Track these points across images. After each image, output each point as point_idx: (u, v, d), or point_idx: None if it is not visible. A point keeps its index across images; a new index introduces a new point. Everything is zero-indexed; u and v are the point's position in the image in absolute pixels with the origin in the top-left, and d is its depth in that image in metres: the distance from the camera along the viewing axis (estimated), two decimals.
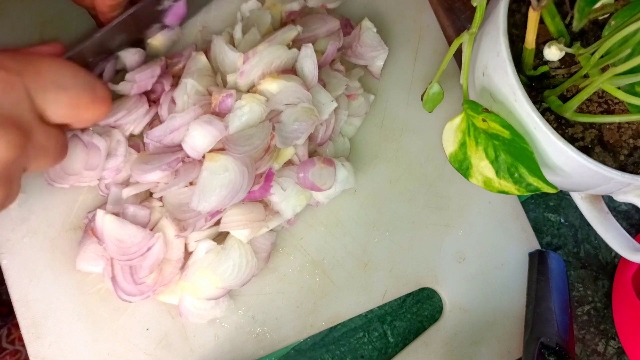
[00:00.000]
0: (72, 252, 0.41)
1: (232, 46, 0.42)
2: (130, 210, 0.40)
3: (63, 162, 0.38)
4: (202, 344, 0.42)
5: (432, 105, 0.41)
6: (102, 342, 0.41)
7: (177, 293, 0.40)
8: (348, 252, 0.44)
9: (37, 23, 0.44)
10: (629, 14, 0.34)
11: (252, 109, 0.39)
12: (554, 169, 0.35)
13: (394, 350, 0.45)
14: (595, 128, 0.36)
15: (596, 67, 0.34)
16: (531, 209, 0.49)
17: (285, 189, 0.41)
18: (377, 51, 0.45)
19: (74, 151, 0.39)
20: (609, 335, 0.48)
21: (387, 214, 0.45)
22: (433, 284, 0.45)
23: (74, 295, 0.41)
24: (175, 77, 0.43)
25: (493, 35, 0.35)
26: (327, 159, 0.42)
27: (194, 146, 0.38)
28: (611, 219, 0.42)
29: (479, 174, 0.36)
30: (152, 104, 0.42)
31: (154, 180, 0.40)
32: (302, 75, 0.41)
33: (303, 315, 0.43)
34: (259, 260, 0.41)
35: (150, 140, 0.40)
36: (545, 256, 0.45)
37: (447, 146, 0.37)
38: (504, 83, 0.34)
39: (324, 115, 0.41)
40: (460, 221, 0.46)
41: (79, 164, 0.39)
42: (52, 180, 0.40)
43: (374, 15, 0.48)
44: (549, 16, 0.36)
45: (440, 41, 0.49)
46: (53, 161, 0.34)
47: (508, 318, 0.45)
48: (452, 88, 0.47)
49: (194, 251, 0.40)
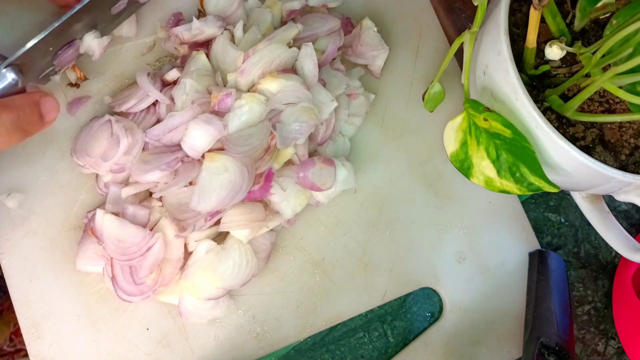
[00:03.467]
0: (72, 252, 0.41)
1: (233, 44, 0.42)
2: (129, 210, 0.40)
3: (90, 142, 0.40)
4: (202, 344, 0.42)
5: (433, 105, 0.41)
6: (102, 342, 0.41)
7: (177, 293, 0.40)
8: (348, 252, 0.44)
9: (36, 23, 0.44)
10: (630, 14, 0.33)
11: (252, 108, 0.39)
12: (555, 168, 0.35)
13: (394, 350, 0.45)
14: (597, 127, 0.36)
15: (597, 66, 0.33)
16: (531, 208, 0.49)
17: (285, 188, 0.41)
18: (377, 50, 0.45)
19: (102, 136, 0.40)
20: (609, 335, 0.48)
21: (387, 214, 0.45)
22: (433, 284, 0.45)
23: (74, 295, 0.41)
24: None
25: (494, 35, 0.34)
26: (327, 158, 0.42)
27: (193, 146, 0.38)
28: (612, 219, 0.42)
29: (480, 173, 0.36)
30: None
31: (154, 180, 0.40)
32: (302, 74, 0.41)
33: (303, 315, 0.43)
34: (259, 260, 0.41)
35: (149, 138, 0.40)
36: (545, 256, 0.45)
37: (448, 145, 0.37)
38: (505, 82, 0.34)
39: (324, 114, 0.41)
40: (460, 221, 0.46)
41: (99, 149, 0.40)
42: (75, 153, 0.41)
43: (375, 14, 0.48)
44: (550, 15, 0.36)
45: (441, 40, 0.49)
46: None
47: (508, 318, 0.45)
48: (453, 87, 0.47)
49: (194, 251, 0.40)
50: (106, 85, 0.43)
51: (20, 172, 0.42)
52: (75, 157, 0.41)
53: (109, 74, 0.44)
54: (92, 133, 0.41)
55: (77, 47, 0.40)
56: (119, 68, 0.44)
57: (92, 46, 0.40)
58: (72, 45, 0.39)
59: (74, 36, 0.39)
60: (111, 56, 0.44)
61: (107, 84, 0.43)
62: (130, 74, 0.44)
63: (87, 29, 0.40)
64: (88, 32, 0.40)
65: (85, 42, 0.40)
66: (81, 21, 0.38)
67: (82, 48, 0.40)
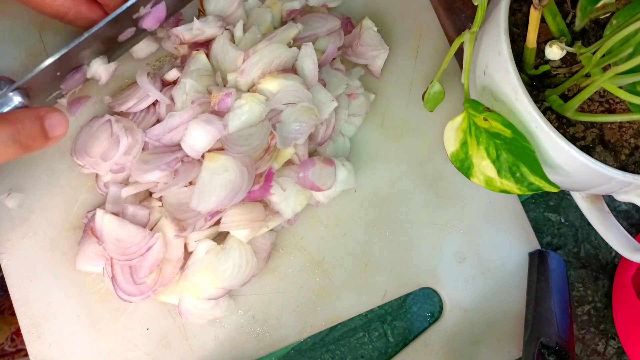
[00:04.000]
0: (72, 252, 0.41)
1: (232, 44, 0.42)
2: (129, 210, 0.40)
3: (90, 142, 0.40)
4: (202, 344, 0.42)
5: (433, 105, 0.41)
6: (102, 342, 0.41)
7: (177, 293, 0.40)
8: (348, 252, 0.44)
9: (37, 23, 0.44)
10: (631, 14, 0.33)
11: (252, 108, 0.39)
12: (555, 168, 0.35)
13: (394, 350, 0.45)
14: (597, 127, 0.36)
15: (597, 66, 0.33)
16: (531, 208, 0.49)
17: (285, 188, 0.41)
18: (377, 50, 0.45)
19: (102, 135, 0.40)
20: (609, 335, 0.48)
21: (387, 214, 0.45)
22: (433, 284, 0.45)
23: (74, 295, 0.41)
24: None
25: (494, 35, 0.34)
26: (327, 158, 0.42)
27: (193, 145, 0.38)
28: (612, 219, 0.42)
29: (481, 173, 0.36)
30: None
31: (154, 180, 0.40)
32: (302, 74, 0.41)
33: (303, 315, 0.43)
34: (259, 260, 0.41)
35: (149, 138, 0.40)
36: (545, 256, 0.45)
37: (448, 145, 0.37)
38: (505, 82, 0.34)
39: (324, 114, 0.41)
40: (460, 221, 0.46)
41: (99, 149, 0.40)
42: (75, 153, 0.41)
43: (375, 14, 0.48)
44: (550, 15, 0.36)
45: (441, 40, 0.49)
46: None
47: (508, 318, 0.45)
48: (453, 87, 0.47)
49: (194, 251, 0.40)
50: (106, 85, 0.43)
51: (20, 172, 0.42)
52: (75, 157, 0.41)
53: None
54: (92, 133, 0.41)
55: (84, 72, 0.41)
56: (119, 68, 0.44)
57: (99, 72, 0.41)
58: (79, 70, 0.40)
59: (82, 62, 0.40)
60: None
61: (107, 84, 0.43)
62: (130, 73, 0.44)
63: (94, 55, 0.40)
64: (95, 57, 0.41)
65: (92, 67, 0.41)
66: (89, 47, 0.39)
67: (89, 73, 0.41)
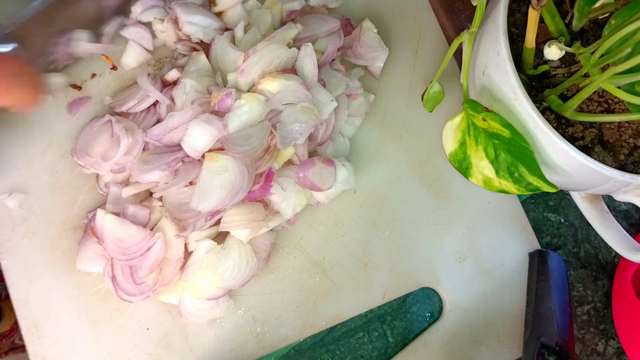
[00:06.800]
0: (72, 252, 0.41)
1: (232, 44, 0.42)
2: (130, 210, 0.40)
3: (90, 142, 0.40)
4: (202, 344, 0.42)
5: (432, 105, 0.41)
6: (102, 342, 0.41)
7: (177, 293, 0.40)
8: (348, 252, 0.44)
9: None
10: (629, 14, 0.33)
11: (252, 108, 0.39)
12: (554, 168, 0.35)
13: (393, 350, 0.45)
14: (596, 127, 0.36)
15: (596, 66, 0.34)
16: (531, 208, 0.49)
17: (285, 188, 0.41)
18: (377, 52, 0.45)
19: (102, 136, 0.40)
20: (609, 335, 0.48)
21: (387, 214, 0.45)
22: (433, 284, 0.45)
23: (74, 295, 0.41)
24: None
25: (493, 35, 0.35)
26: (327, 158, 0.42)
27: (193, 145, 0.38)
28: (611, 219, 0.42)
29: (479, 173, 0.36)
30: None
31: (154, 180, 0.40)
32: (302, 74, 0.41)
33: (303, 315, 0.43)
34: (259, 260, 0.41)
35: (149, 139, 0.40)
36: (545, 256, 0.45)
37: (447, 145, 0.37)
38: (504, 82, 0.34)
39: (324, 115, 0.41)
40: (460, 221, 0.46)
41: (100, 149, 0.40)
42: (76, 153, 0.41)
43: (375, 15, 0.48)
44: (549, 15, 0.36)
45: (440, 41, 0.49)
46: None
47: (508, 318, 0.45)
48: (452, 87, 0.47)
49: (194, 251, 0.40)
50: (107, 85, 0.43)
51: (21, 172, 0.42)
52: (76, 157, 0.41)
53: (110, 75, 0.44)
54: (92, 133, 0.41)
55: (69, 43, 0.41)
56: (119, 68, 0.44)
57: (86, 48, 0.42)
58: (67, 37, 0.40)
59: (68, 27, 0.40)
60: (112, 56, 0.44)
61: (108, 85, 0.43)
62: (130, 74, 0.44)
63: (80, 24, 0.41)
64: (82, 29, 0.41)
65: (77, 36, 0.41)
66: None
67: (77, 46, 0.41)
